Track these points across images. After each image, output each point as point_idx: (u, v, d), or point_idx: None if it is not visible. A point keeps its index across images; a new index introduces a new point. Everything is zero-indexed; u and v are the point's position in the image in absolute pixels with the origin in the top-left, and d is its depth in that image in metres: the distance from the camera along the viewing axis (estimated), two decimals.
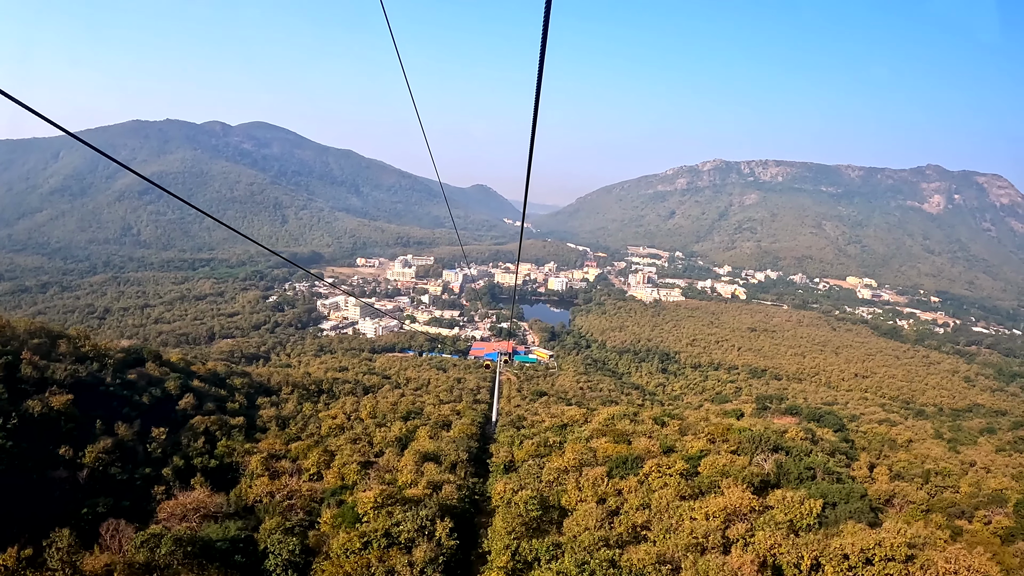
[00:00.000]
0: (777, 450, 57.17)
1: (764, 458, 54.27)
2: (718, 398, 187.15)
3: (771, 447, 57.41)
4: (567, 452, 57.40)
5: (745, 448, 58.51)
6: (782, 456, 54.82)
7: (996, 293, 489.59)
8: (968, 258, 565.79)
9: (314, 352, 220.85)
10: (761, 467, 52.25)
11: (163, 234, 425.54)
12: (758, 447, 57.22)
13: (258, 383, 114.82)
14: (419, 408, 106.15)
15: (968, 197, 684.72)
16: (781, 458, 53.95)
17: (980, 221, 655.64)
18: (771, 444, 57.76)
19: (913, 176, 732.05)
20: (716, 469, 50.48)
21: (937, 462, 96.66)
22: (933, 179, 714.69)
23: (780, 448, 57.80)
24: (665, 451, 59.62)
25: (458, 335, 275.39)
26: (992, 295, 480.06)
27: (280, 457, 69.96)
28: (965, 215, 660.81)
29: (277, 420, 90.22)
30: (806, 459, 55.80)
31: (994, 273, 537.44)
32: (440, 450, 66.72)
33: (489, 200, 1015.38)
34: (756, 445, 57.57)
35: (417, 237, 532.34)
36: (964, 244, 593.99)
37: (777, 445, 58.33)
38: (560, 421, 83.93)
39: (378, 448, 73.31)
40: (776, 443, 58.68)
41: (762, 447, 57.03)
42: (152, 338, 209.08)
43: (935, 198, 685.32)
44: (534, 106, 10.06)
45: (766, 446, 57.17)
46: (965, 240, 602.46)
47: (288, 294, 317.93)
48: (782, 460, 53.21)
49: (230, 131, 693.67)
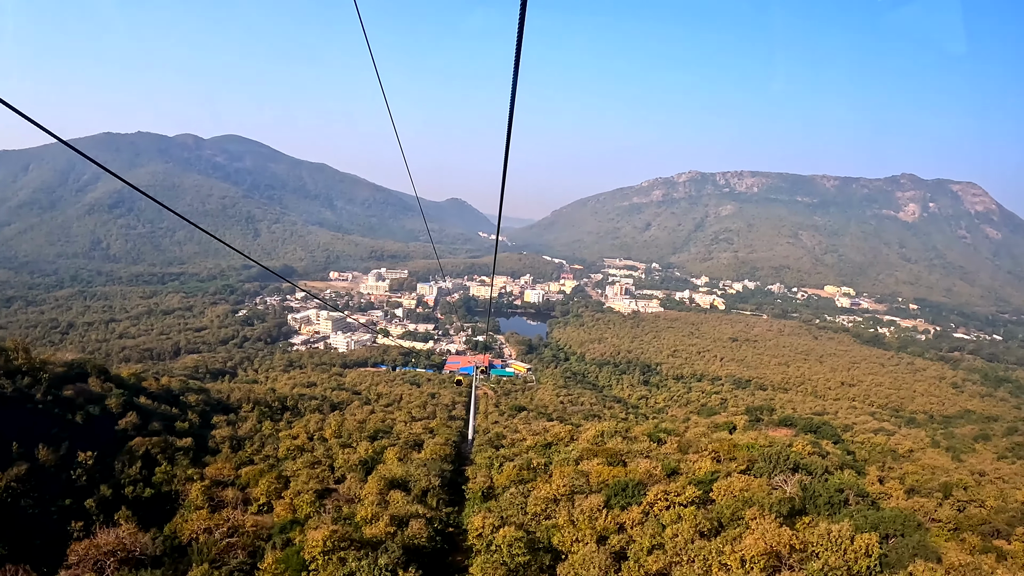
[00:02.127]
0: (797, 469, 49.44)
1: (784, 479, 46.55)
2: (705, 410, 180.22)
3: (791, 466, 49.61)
4: (555, 477, 48.71)
5: (761, 468, 50.56)
6: (804, 476, 47.02)
7: (974, 300, 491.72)
8: (945, 265, 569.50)
9: (283, 367, 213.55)
10: (783, 490, 44.49)
11: (133, 248, 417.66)
12: (776, 467, 49.39)
13: (216, 400, 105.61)
14: (389, 426, 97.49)
15: (943, 205, 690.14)
16: (804, 479, 46.18)
17: (955, 229, 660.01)
18: (790, 463, 49.91)
19: (888, 185, 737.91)
20: (733, 495, 42.62)
21: (949, 473, 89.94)
22: (908, 188, 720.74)
23: (800, 467, 50.04)
24: (669, 474, 51.24)
25: (433, 349, 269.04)
26: (970, 301, 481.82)
27: (227, 484, 60.70)
28: (940, 223, 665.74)
29: (232, 441, 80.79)
30: (831, 479, 47.96)
31: (971, 280, 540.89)
32: (409, 475, 58.08)
33: (464, 214, 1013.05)
34: (773, 464, 49.71)
35: (391, 251, 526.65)
36: (940, 252, 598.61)
37: (797, 463, 50.50)
38: (543, 439, 74.92)
39: (340, 473, 64.42)
40: (796, 461, 50.83)
41: (780, 467, 49.23)
42: (115, 353, 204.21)
43: (910, 206, 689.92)
44: (508, 119, 10.03)
45: (785, 465, 49.33)
46: (941, 248, 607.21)
47: (259, 308, 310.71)
48: (806, 481, 45.48)
49: (202, 144, 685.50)
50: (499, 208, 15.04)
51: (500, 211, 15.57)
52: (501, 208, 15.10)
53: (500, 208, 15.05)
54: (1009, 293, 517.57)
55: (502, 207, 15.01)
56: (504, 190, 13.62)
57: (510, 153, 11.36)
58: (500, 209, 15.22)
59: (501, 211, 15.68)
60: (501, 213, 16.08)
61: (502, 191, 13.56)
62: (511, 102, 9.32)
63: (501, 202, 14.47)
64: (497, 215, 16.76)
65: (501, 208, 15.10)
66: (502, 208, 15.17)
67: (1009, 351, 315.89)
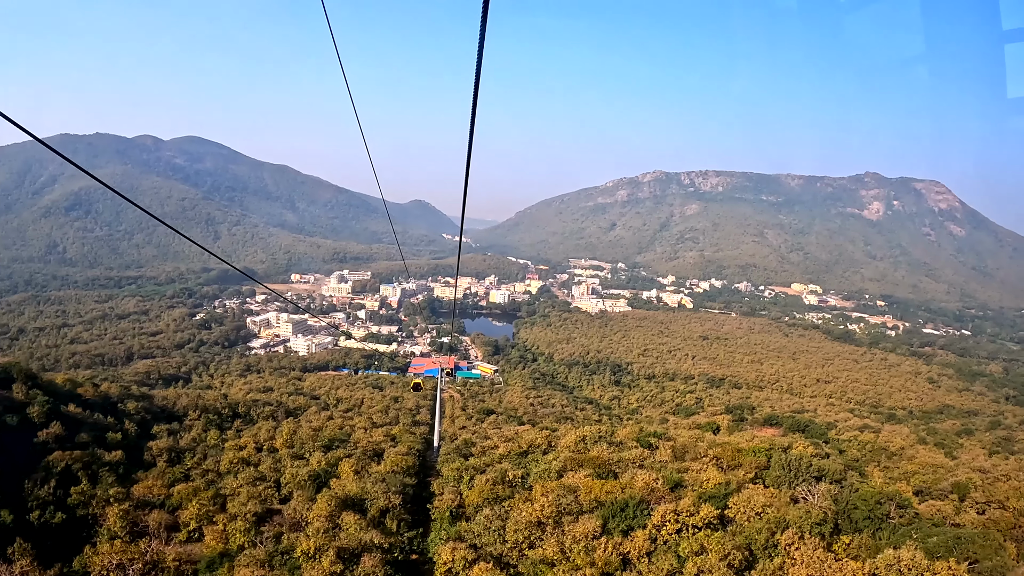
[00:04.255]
0: (820, 478, 41.85)
1: (808, 490, 38.99)
2: (681, 410, 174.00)
3: (813, 474, 41.95)
4: (536, 494, 40.24)
5: (779, 478, 42.86)
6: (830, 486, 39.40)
7: (940, 295, 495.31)
8: (910, 262, 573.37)
9: (240, 372, 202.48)
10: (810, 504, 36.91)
11: (90, 251, 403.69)
12: (797, 475, 41.73)
13: (160, 407, 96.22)
14: (347, 433, 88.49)
15: (907, 203, 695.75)
16: (833, 489, 38.62)
17: (920, 226, 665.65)
18: (813, 470, 42.22)
19: (852, 184, 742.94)
20: (756, 512, 34.99)
21: (951, 472, 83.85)
22: (872, 186, 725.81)
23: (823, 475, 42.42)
24: (672, 487, 43.09)
25: (396, 351, 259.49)
26: (936, 297, 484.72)
27: (155, 505, 51.95)
28: (904, 220, 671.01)
29: (170, 453, 71.68)
30: (863, 488, 40.42)
31: (936, 276, 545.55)
32: (365, 492, 49.53)
33: (428, 215, 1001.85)
34: (794, 472, 42.05)
35: (354, 252, 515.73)
36: (905, 249, 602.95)
37: (820, 471, 42.82)
38: (518, 447, 66.13)
39: (287, 490, 55.80)
40: (819, 468, 43.12)
41: (803, 474, 41.57)
42: (64, 359, 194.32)
43: (874, 205, 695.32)
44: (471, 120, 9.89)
45: (808, 473, 41.66)
46: (906, 245, 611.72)
47: (217, 311, 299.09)
48: (836, 492, 37.94)
49: (162, 145, 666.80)
50: (462, 206, 14.97)
51: (463, 209, 15.46)
52: (464, 206, 15.13)
53: (463, 206, 15.06)
54: (974, 289, 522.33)
55: (465, 204, 14.95)
56: (467, 190, 13.51)
57: (472, 154, 11.40)
58: (463, 207, 15.20)
59: (464, 210, 15.56)
60: (464, 212, 15.88)
61: (465, 190, 13.46)
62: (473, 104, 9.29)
63: (464, 200, 14.42)
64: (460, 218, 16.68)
65: (464, 206, 15.13)
66: (465, 206, 15.16)
67: (980, 346, 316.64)
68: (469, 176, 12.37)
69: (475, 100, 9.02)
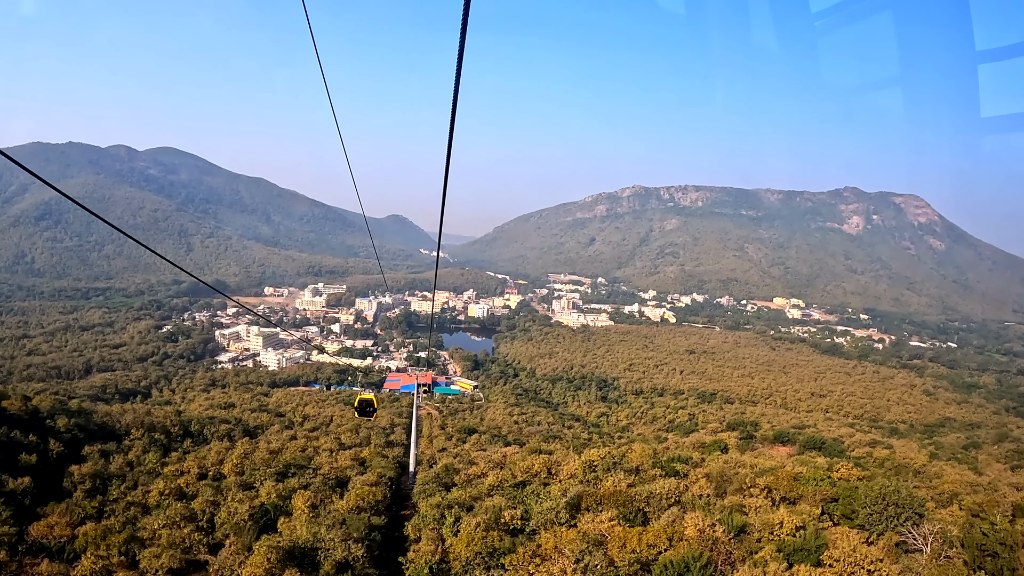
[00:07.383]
0: (922, 515, 31.32)
1: (910, 531, 28.49)
2: (676, 427, 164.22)
3: (915, 509, 31.19)
4: (547, 546, 28.37)
5: (871, 518, 32.06)
6: (948, 527, 28.78)
7: (922, 308, 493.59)
8: (891, 276, 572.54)
9: (204, 387, 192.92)
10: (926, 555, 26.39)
11: (59, 262, 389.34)
12: (901, 514, 30.94)
13: (99, 424, 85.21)
14: (309, 456, 76.92)
15: (887, 217, 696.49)
16: (945, 530, 28.11)
17: (900, 240, 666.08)
18: (913, 506, 31.43)
19: (832, 198, 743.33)
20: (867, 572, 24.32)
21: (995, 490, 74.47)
22: (851, 201, 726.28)
23: (922, 510, 31.78)
24: (735, 533, 31.88)
25: (372, 366, 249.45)
26: (919, 311, 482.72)
27: (50, 551, 40.19)
28: (884, 235, 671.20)
29: (95, 480, 60.04)
30: (980, 523, 29.81)
31: (918, 290, 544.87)
32: (319, 539, 37.48)
33: (405, 230, 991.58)
34: (897, 509, 31.19)
35: (330, 266, 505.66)
36: (886, 263, 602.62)
37: (920, 507, 32.06)
38: (511, 475, 53.75)
39: (222, 532, 43.99)
40: (919, 503, 32.31)
41: (907, 513, 30.78)
42: (18, 371, 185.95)
43: (854, 219, 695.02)
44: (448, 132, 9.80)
45: (910, 509, 30.90)
46: (886, 259, 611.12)
47: (186, 324, 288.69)
48: (952, 534, 27.40)
49: (136, 156, 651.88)
50: (440, 218, 14.56)
51: (441, 221, 15.01)
52: (442, 219, 14.75)
53: (441, 219, 14.65)
54: (956, 302, 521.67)
55: (443, 217, 14.63)
56: (445, 203, 13.49)
57: (450, 169, 11.33)
58: (441, 219, 14.76)
59: (442, 222, 15.19)
60: (442, 225, 15.51)
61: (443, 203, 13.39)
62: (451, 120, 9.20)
63: (442, 213, 14.22)
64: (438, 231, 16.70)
65: (442, 219, 14.75)
66: (443, 219, 14.81)
67: (968, 357, 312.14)
68: (447, 190, 12.08)
69: (453, 115, 8.88)
